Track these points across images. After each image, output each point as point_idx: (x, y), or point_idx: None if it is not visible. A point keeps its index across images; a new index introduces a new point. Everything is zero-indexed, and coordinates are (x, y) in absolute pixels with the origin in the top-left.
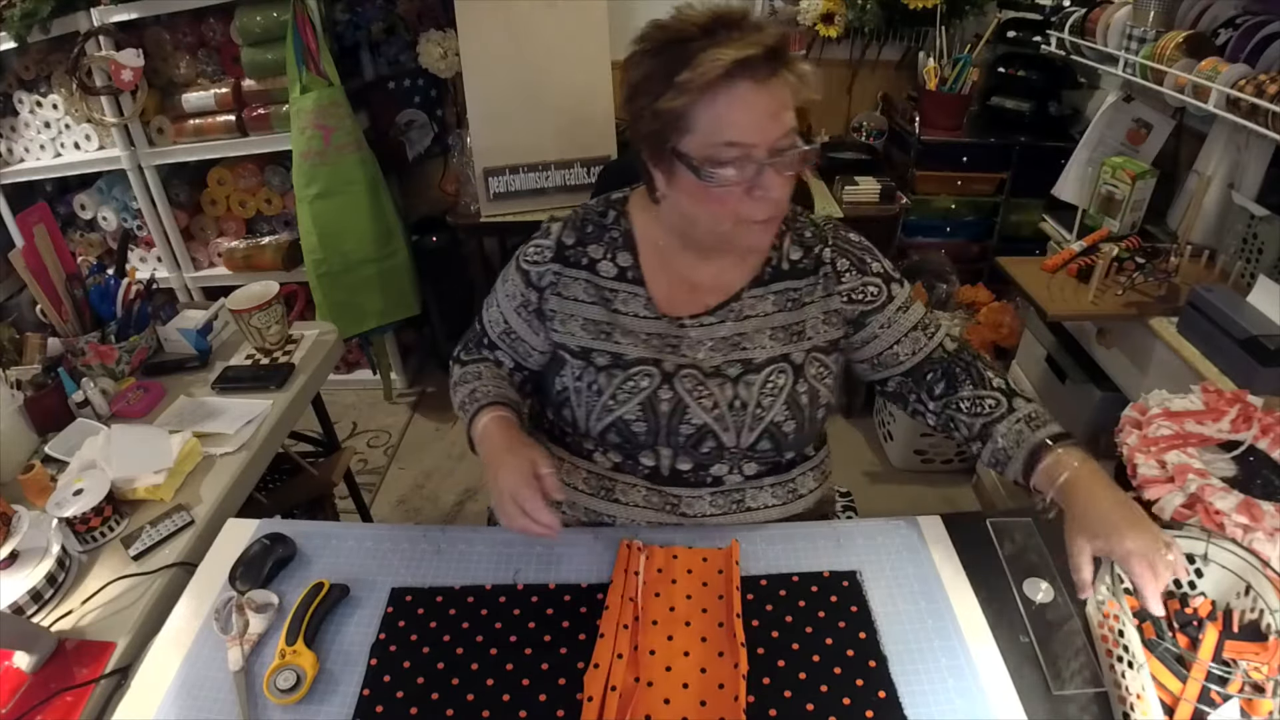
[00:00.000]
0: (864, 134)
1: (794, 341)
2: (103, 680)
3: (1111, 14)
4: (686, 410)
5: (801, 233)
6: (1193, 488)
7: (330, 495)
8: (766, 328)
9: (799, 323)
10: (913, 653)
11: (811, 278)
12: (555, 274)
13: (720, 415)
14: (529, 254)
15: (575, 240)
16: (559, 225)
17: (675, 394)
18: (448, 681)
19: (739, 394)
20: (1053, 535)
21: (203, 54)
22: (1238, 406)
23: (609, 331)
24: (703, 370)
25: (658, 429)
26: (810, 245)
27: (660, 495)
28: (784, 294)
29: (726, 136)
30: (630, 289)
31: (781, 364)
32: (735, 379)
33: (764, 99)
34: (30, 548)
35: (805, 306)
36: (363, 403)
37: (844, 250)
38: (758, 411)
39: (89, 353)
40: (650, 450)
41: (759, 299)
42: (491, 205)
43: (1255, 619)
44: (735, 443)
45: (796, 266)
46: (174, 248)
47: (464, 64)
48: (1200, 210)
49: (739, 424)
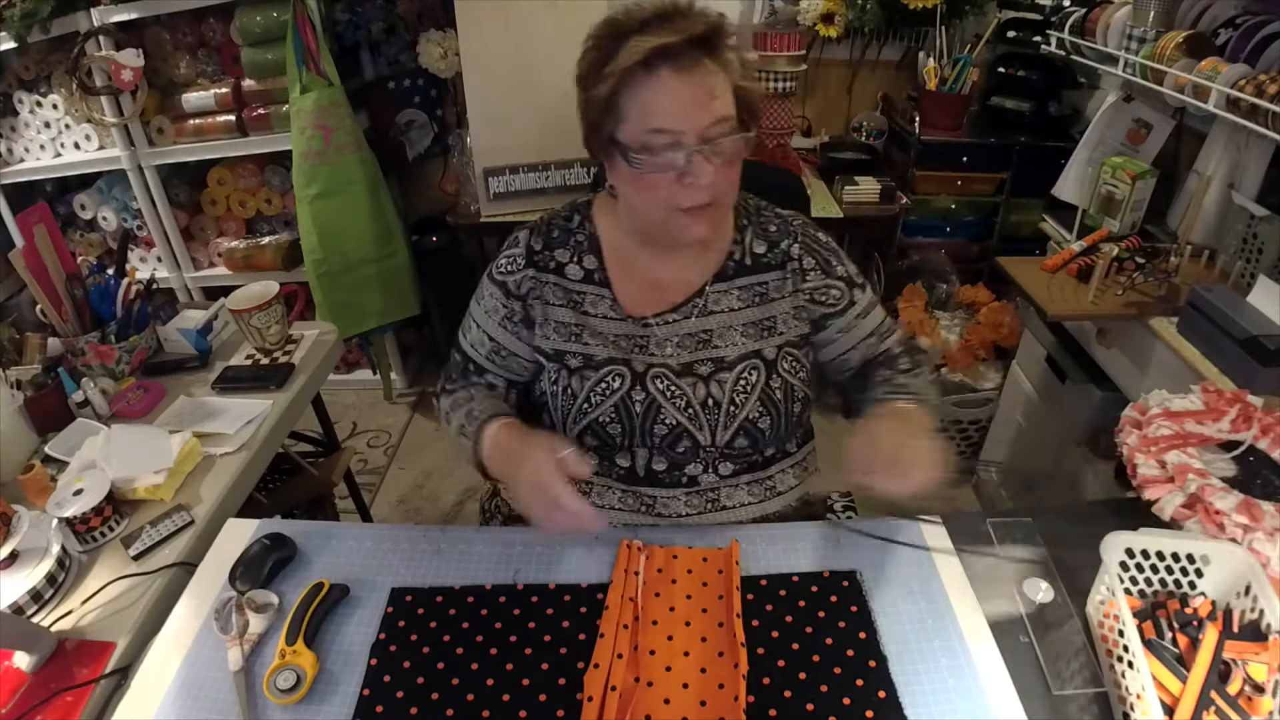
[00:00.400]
0: (864, 134)
1: (764, 337)
2: (103, 680)
3: (1111, 14)
4: (660, 410)
5: (765, 226)
6: (1193, 488)
7: (330, 495)
8: (736, 324)
9: (769, 318)
10: (913, 653)
11: (779, 272)
12: (532, 279)
13: (694, 415)
14: (502, 266)
15: (543, 245)
16: (526, 233)
17: (648, 394)
18: (448, 681)
19: (711, 392)
20: (1053, 535)
21: (203, 54)
22: (1238, 406)
23: (579, 334)
24: (672, 369)
25: (633, 430)
26: (775, 240)
27: (635, 496)
28: (750, 289)
29: (652, 123)
30: (597, 290)
31: (754, 360)
32: (707, 377)
33: (688, 86)
34: (30, 548)
35: (774, 301)
36: (363, 403)
37: (811, 249)
38: (731, 409)
39: (89, 353)
40: (626, 452)
41: (723, 294)
42: (491, 205)
43: (1255, 619)
44: (710, 441)
45: (761, 260)
46: (174, 248)
47: (464, 64)
48: (1200, 210)
49: (713, 422)
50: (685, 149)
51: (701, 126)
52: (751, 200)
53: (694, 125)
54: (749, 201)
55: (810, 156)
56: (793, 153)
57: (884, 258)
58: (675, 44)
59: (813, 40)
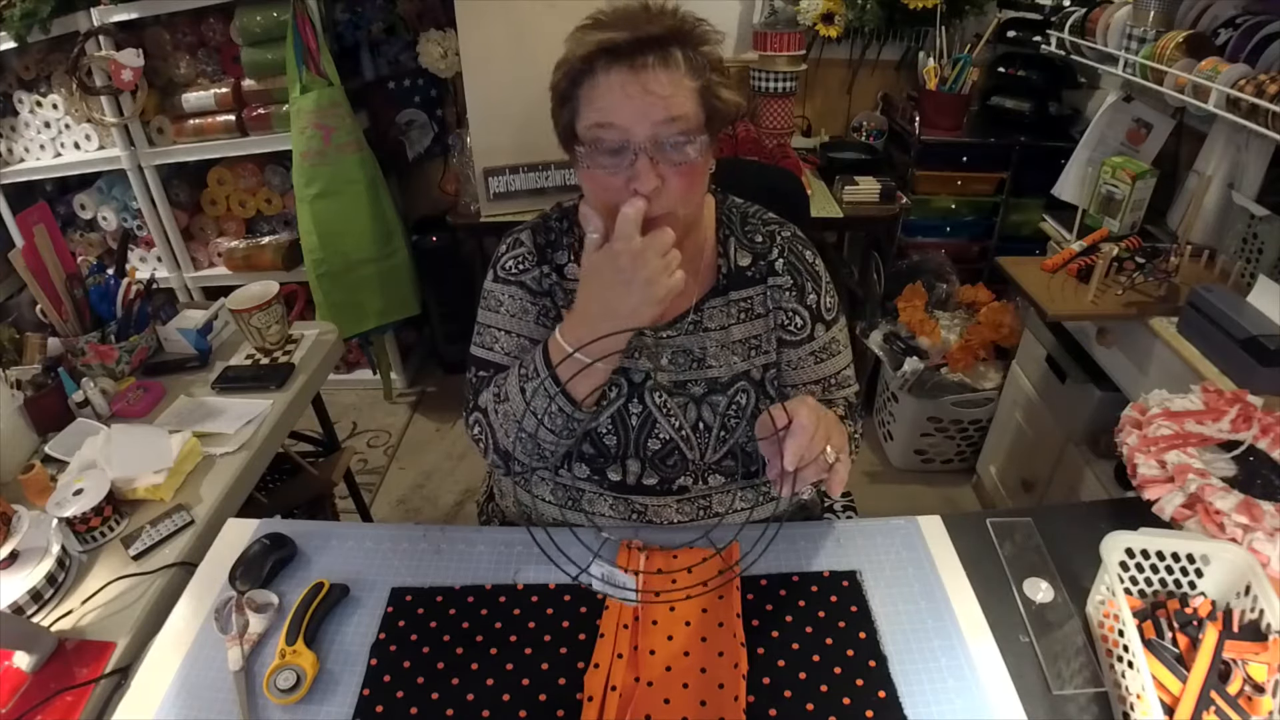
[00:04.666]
0: (864, 134)
1: (751, 356)
2: (103, 680)
3: (1111, 14)
4: (655, 425)
5: (751, 237)
6: (1193, 488)
7: (330, 495)
8: (728, 341)
9: (755, 336)
10: (913, 653)
11: (760, 287)
12: (546, 276)
13: (686, 435)
14: (509, 267)
15: (545, 242)
16: (527, 232)
17: (645, 408)
18: (448, 681)
19: (702, 415)
20: (1052, 535)
21: (203, 54)
22: (1238, 406)
23: None
24: (665, 387)
25: (628, 442)
26: (761, 252)
27: (627, 504)
28: (736, 303)
29: (597, 118)
30: None
31: (743, 382)
32: (699, 399)
33: (635, 85)
34: (30, 548)
35: (762, 318)
36: (363, 403)
37: (793, 267)
38: (722, 434)
39: (89, 353)
40: (618, 465)
41: (717, 309)
42: (491, 205)
43: (1255, 619)
44: (700, 458)
45: (745, 274)
46: (174, 248)
47: (464, 64)
48: (1200, 210)
49: (703, 445)
50: (633, 151)
51: (649, 125)
52: (737, 209)
53: (641, 125)
54: (733, 211)
55: (810, 156)
56: (793, 152)
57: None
58: (621, 41)
59: (813, 40)
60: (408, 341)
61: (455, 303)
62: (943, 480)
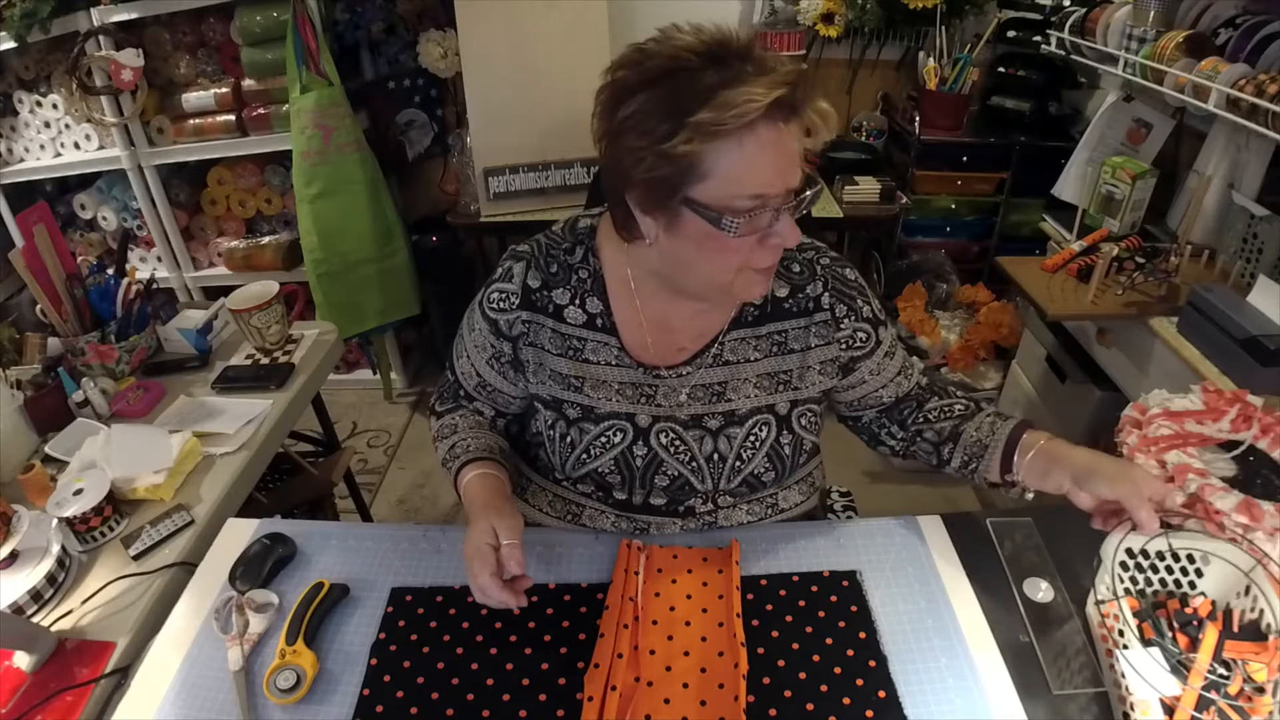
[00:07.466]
0: (864, 134)
1: (779, 391)
2: (103, 680)
3: (1111, 14)
4: (662, 464)
5: (789, 266)
6: (1193, 488)
7: (330, 495)
8: (751, 375)
9: (786, 371)
10: (913, 653)
11: (803, 319)
12: (525, 322)
13: (697, 468)
14: (492, 300)
15: (540, 283)
16: (522, 266)
17: (650, 450)
18: (448, 681)
19: (718, 447)
20: (1052, 535)
21: (203, 54)
22: (1238, 406)
23: (579, 385)
24: (680, 421)
25: (633, 480)
26: (801, 284)
27: (630, 521)
28: (769, 337)
29: (752, 188)
30: (601, 338)
31: (766, 415)
32: (716, 431)
33: (787, 143)
34: (30, 547)
35: (796, 354)
36: (363, 403)
37: (841, 293)
38: (737, 464)
39: (89, 353)
40: (624, 489)
41: (741, 342)
42: (491, 205)
43: (1255, 619)
44: (713, 488)
45: (783, 306)
46: (174, 248)
47: (464, 64)
48: (1200, 210)
49: (716, 475)
50: (772, 209)
51: (792, 184)
52: None
53: (787, 184)
54: None
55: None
56: None
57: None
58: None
59: (812, 40)
60: (408, 341)
61: (455, 302)
62: (943, 480)
